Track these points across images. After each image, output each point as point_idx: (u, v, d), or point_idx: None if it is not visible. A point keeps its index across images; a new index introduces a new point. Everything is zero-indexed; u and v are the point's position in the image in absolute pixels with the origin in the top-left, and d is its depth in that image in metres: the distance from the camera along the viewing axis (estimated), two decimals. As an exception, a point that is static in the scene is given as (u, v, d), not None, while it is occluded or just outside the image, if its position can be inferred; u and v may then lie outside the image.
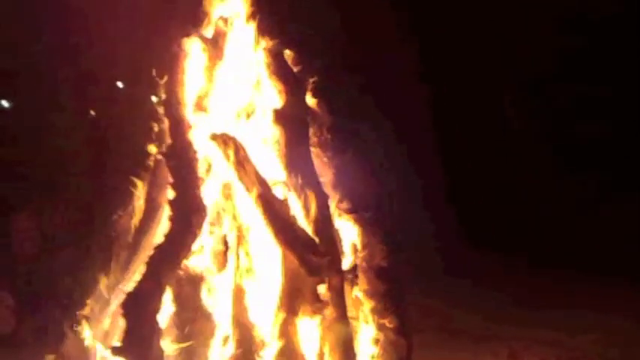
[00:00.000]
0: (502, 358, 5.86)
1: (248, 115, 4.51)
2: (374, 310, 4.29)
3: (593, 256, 8.59)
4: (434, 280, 7.63)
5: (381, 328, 4.29)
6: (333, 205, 4.39)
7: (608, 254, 8.71)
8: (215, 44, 4.57)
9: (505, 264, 8.61)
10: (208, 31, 4.62)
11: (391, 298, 4.31)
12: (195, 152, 4.40)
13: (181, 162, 4.37)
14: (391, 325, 4.27)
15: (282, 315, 3.97)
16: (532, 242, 9.09)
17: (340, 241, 4.34)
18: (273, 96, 4.46)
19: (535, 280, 8.24)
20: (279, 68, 4.48)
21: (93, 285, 4.47)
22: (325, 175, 4.43)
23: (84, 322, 4.36)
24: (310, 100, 4.54)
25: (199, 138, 4.44)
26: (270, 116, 4.37)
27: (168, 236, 4.18)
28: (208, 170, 4.42)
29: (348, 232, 4.43)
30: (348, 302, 4.22)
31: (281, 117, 4.35)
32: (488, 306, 7.07)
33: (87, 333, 4.37)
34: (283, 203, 4.17)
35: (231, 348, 4.03)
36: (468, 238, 8.85)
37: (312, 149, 4.41)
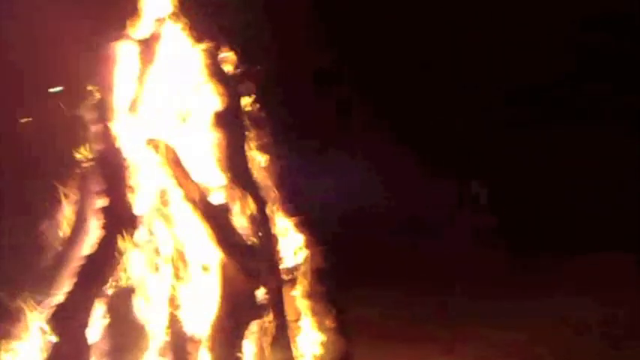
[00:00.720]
0: (435, 357, 5.86)
1: (184, 119, 4.38)
2: (314, 311, 4.29)
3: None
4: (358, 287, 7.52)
5: (322, 328, 4.28)
6: (272, 208, 4.33)
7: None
8: (148, 46, 4.42)
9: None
10: (141, 33, 4.46)
11: (330, 299, 4.32)
12: (126, 159, 4.25)
13: (112, 169, 4.22)
14: (332, 325, 4.29)
15: (220, 321, 3.87)
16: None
17: (279, 244, 4.28)
18: (211, 99, 4.35)
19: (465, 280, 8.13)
20: (219, 70, 4.39)
21: (15, 301, 4.21)
22: (265, 178, 4.37)
23: (2, 341, 4.09)
24: (250, 104, 4.45)
25: (132, 144, 4.29)
26: (209, 120, 4.27)
27: (99, 246, 4.03)
28: (143, 177, 4.26)
29: (288, 235, 4.38)
30: (288, 305, 4.19)
31: (221, 120, 4.27)
32: (419, 309, 7.06)
33: (7, 352, 4.10)
34: (222, 208, 4.09)
35: (166, 359, 3.90)
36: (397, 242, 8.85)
37: (252, 153, 4.35)
